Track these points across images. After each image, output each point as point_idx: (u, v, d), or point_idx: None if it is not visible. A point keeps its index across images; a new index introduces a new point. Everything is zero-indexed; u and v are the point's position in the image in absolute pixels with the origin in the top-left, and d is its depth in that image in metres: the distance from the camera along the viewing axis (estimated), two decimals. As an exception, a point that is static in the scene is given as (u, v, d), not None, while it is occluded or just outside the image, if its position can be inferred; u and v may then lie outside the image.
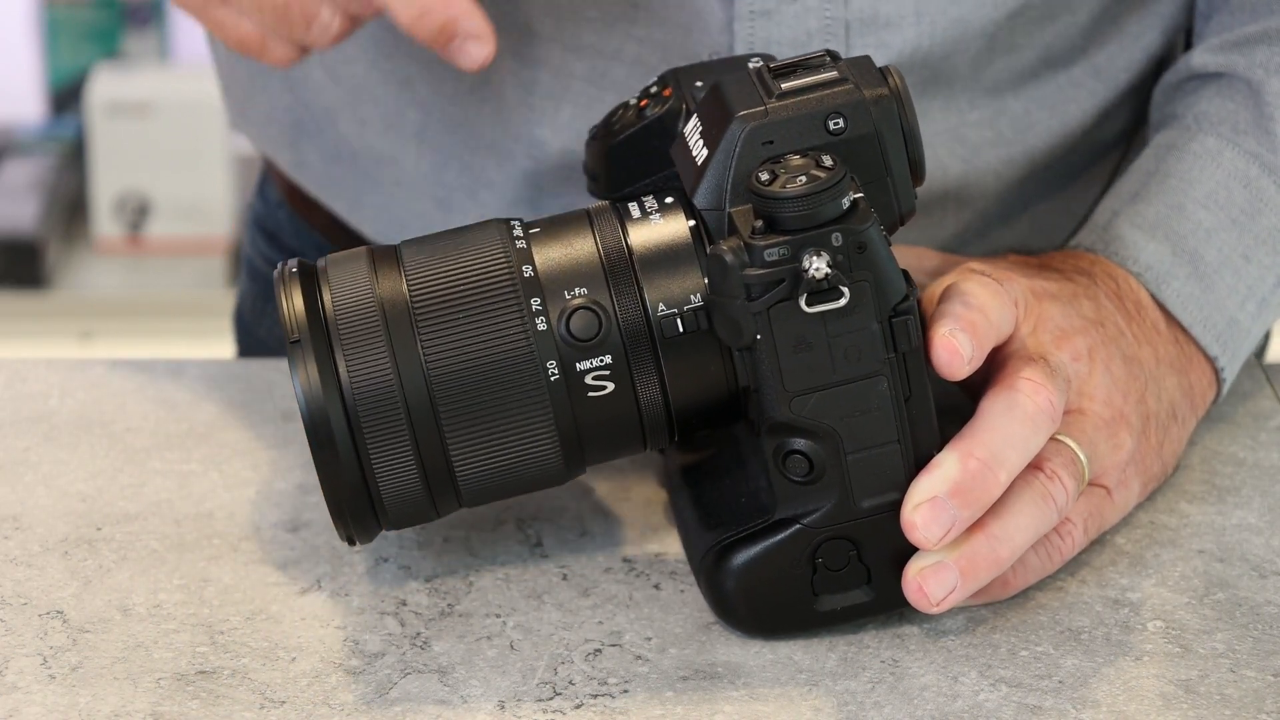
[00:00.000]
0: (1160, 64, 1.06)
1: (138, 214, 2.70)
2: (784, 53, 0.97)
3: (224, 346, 1.30)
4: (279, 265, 0.83)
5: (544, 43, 1.01)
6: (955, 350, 0.81)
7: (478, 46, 0.88)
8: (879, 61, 0.96)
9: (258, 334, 1.23)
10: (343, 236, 1.13)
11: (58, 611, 0.84)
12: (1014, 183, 1.04)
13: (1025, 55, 1.02)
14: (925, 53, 0.99)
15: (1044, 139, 1.03)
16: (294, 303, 0.81)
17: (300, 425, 0.96)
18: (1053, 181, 1.06)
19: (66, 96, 2.78)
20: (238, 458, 0.94)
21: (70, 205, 2.75)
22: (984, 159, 1.02)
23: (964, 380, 0.83)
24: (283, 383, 1.00)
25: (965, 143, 1.02)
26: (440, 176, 1.06)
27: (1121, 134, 1.08)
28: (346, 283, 0.81)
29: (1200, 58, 1.00)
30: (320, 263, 0.83)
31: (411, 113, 1.06)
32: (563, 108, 1.02)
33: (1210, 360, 0.94)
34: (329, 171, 1.12)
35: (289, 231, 1.19)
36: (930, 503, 0.80)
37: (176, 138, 2.67)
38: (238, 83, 1.17)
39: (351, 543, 0.83)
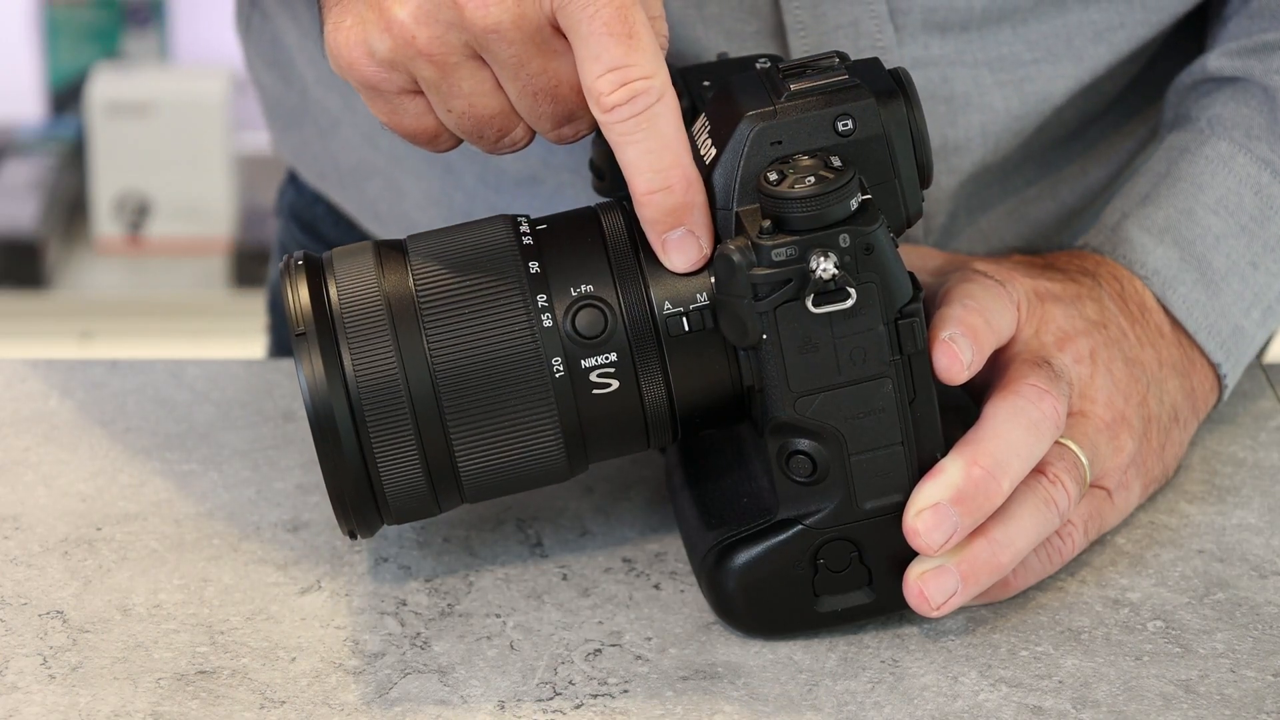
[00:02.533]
0: (1180, 44, 1.05)
1: (138, 214, 2.70)
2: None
3: (224, 346, 1.31)
4: (284, 259, 0.83)
5: None
6: (955, 356, 0.81)
7: (695, 248, 0.81)
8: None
9: None
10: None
11: (58, 611, 0.84)
12: (1020, 130, 1.03)
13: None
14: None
15: (1058, 85, 1.01)
16: (299, 295, 0.81)
17: (301, 425, 0.96)
18: (1057, 145, 1.05)
19: (66, 96, 2.79)
20: (238, 458, 0.94)
21: (70, 205, 2.75)
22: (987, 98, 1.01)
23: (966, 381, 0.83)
24: (283, 383, 1.00)
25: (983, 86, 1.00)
26: (471, 210, 1.06)
27: (1127, 105, 1.07)
28: (352, 276, 0.81)
29: (1216, 61, 0.99)
30: (326, 256, 0.83)
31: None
32: None
33: (1213, 366, 0.94)
34: (348, 181, 1.12)
35: (328, 223, 1.19)
36: (933, 509, 0.80)
37: (176, 138, 2.67)
38: (279, 119, 1.17)
39: (354, 537, 0.83)
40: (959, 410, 0.85)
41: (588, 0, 0.78)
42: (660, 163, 0.79)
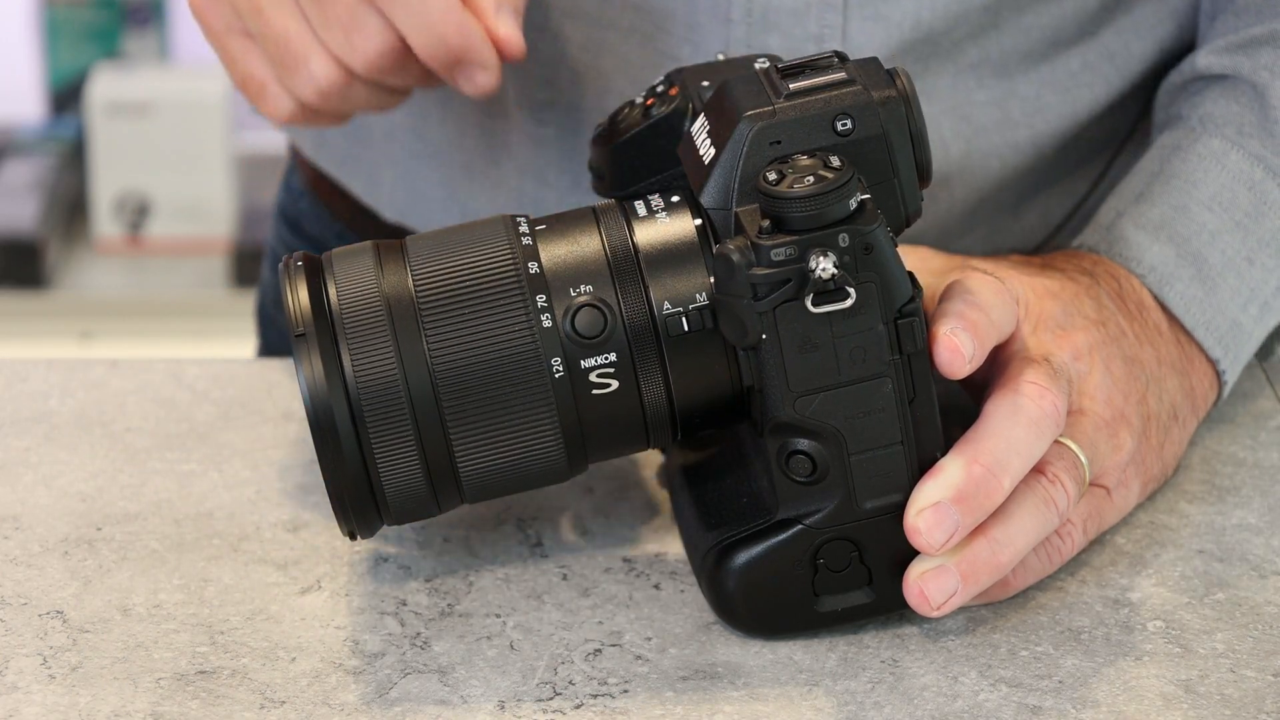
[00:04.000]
0: (1172, 61, 1.06)
1: (138, 214, 2.70)
2: (782, 23, 0.97)
3: (224, 346, 1.31)
4: (283, 259, 0.83)
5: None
6: (956, 349, 0.81)
7: (485, 76, 0.90)
8: (879, 35, 0.96)
9: (279, 324, 1.23)
10: (364, 225, 1.14)
11: (58, 611, 0.84)
12: (1019, 168, 1.04)
13: (1032, 34, 1.01)
14: (926, 25, 0.98)
15: (1053, 124, 1.03)
16: (299, 296, 0.81)
17: (301, 425, 0.96)
18: (1059, 171, 1.06)
19: (66, 96, 2.78)
20: (238, 458, 0.94)
21: (70, 205, 2.75)
22: (989, 140, 1.02)
23: (965, 379, 0.83)
24: (283, 382, 1.00)
25: (970, 121, 1.01)
26: (461, 143, 1.07)
27: (1130, 130, 1.08)
28: (352, 277, 0.81)
29: (1205, 59, 1.00)
30: (325, 256, 0.83)
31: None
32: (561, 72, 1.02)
33: (1212, 363, 0.94)
34: (348, 149, 1.12)
35: (310, 218, 1.19)
36: (934, 508, 0.80)
37: (176, 138, 2.67)
38: None
39: (353, 537, 0.83)
40: (959, 410, 0.85)
41: None
42: (427, 19, 0.87)
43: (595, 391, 0.81)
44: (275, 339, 1.24)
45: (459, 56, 0.89)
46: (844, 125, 0.79)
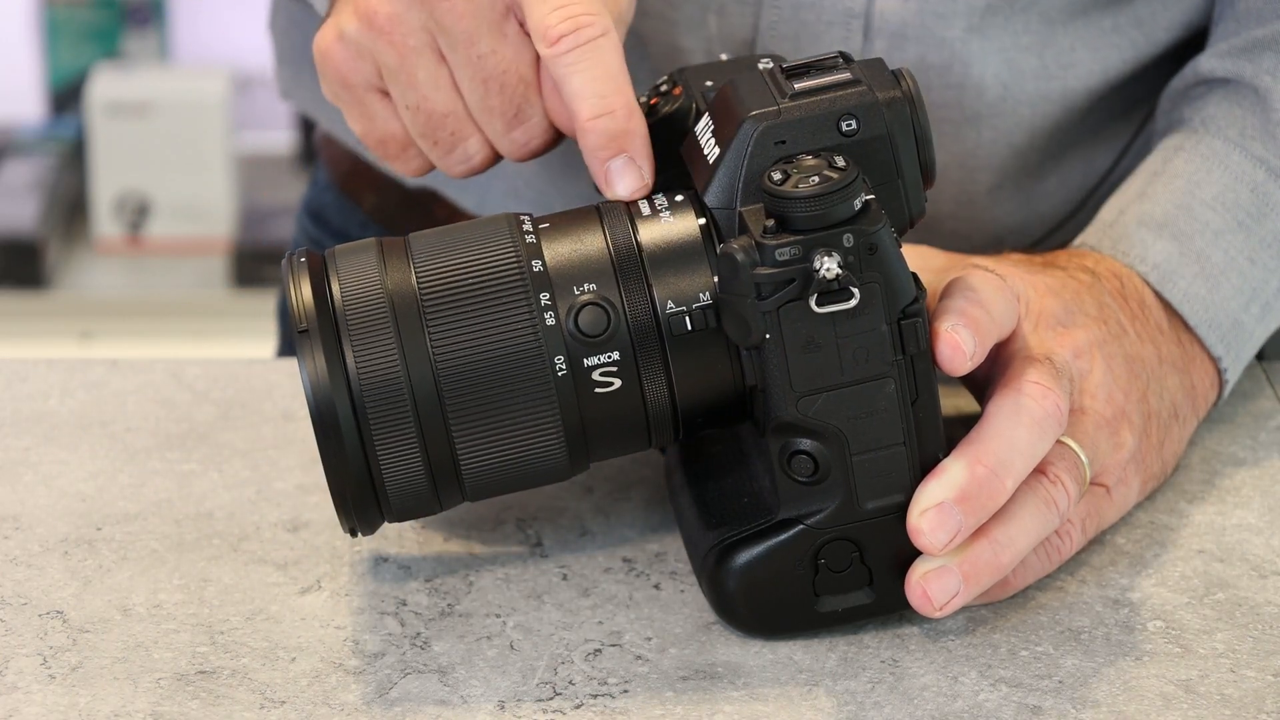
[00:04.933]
0: (1194, 39, 1.05)
1: (138, 214, 2.70)
2: None
3: (224, 346, 1.31)
4: (286, 256, 0.83)
5: None
6: (958, 346, 0.81)
7: (636, 175, 0.84)
8: None
9: None
10: (390, 218, 1.14)
11: (58, 611, 0.84)
12: (1048, 120, 1.03)
13: None
14: None
15: (1083, 80, 1.02)
16: (302, 293, 0.81)
17: (301, 425, 0.96)
18: (1083, 133, 1.06)
19: (66, 96, 2.79)
20: (238, 458, 0.94)
21: (70, 205, 2.75)
22: (1023, 87, 1.02)
23: (966, 376, 0.83)
24: (283, 383, 1.00)
25: (1011, 66, 1.01)
26: None
27: (1150, 110, 1.07)
28: (355, 273, 0.81)
29: (1207, 63, 1.00)
30: (329, 252, 0.83)
31: None
32: None
33: (1214, 361, 0.94)
34: None
35: (333, 209, 1.20)
36: (937, 509, 0.80)
37: (176, 138, 2.67)
38: (294, 47, 1.17)
39: (354, 534, 0.83)
40: (960, 411, 0.85)
41: None
42: (603, 89, 0.83)
43: (598, 390, 0.81)
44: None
45: (619, 143, 0.84)
46: (849, 126, 0.80)
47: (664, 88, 0.88)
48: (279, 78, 1.20)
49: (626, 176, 0.83)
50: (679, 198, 0.83)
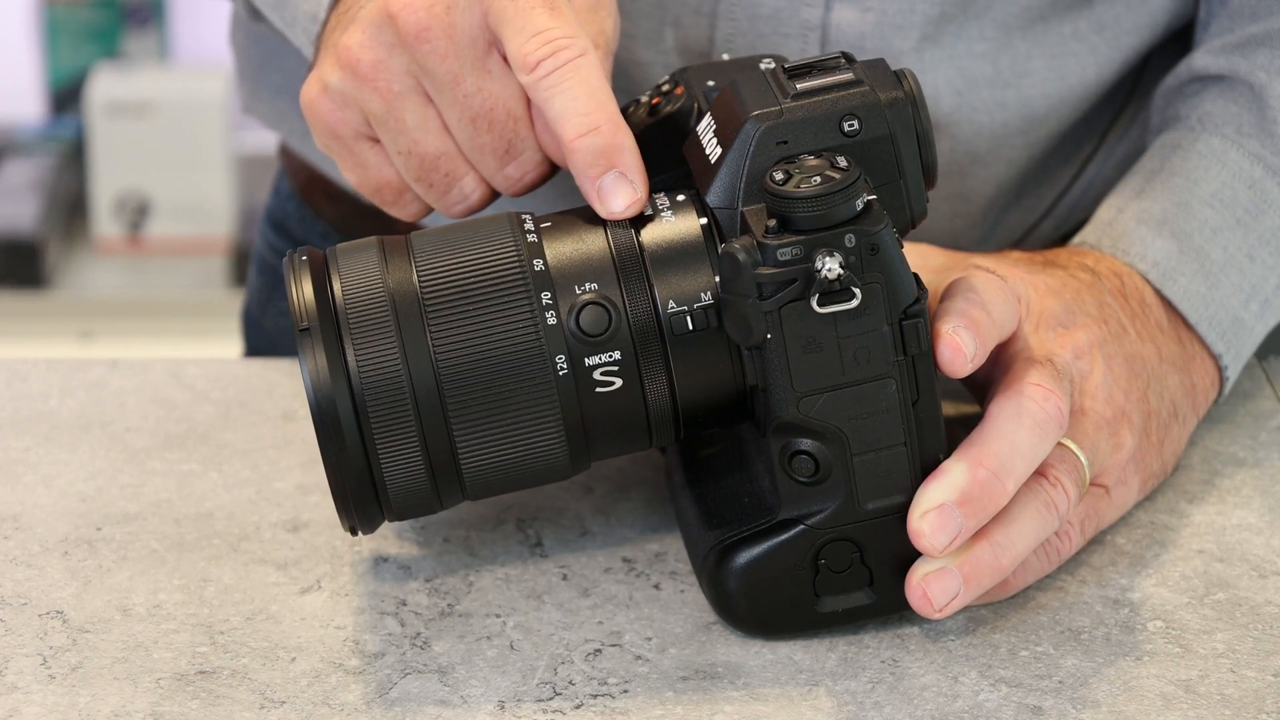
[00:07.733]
0: (1165, 41, 1.05)
1: (138, 214, 2.70)
2: None
3: (224, 346, 1.31)
4: (288, 254, 0.83)
5: None
6: (958, 347, 0.81)
7: (628, 189, 0.83)
8: None
9: (264, 326, 1.23)
10: (352, 229, 1.13)
11: (58, 611, 0.84)
12: (1006, 130, 1.03)
13: None
14: None
15: (1039, 89, 1.02)
16: (303, 291, 0.81)
17: (301, 425, 0.96)
18: (1044, 140, 1.05)
19: (66, 96, 2.78)
20: (238, 458, 0.94)
21: (70, 205, 2.75)
22: (979, 95, 1.01)
23: (967, 377, 0.83)
24: (283, 382, 1.00)
25: (964, 74, 1.01)
26: None
27: (1116, 115, 1.07)
28: (357, 272, 0.81)
29: (1202, 60, 1.00)
30: (330, 251, 0.83)
31: None
32: None
33: (1214, 358, 0.94)
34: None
35: (295, 219, 1.20)
36: (938, 510, 0.80)
37: (176, 138, 2.67)
38: (251, 61, 1.16)
39: (354, 533, 0.83)
40: (960, 411, 0.85)
41: None
42: (585, 106, 0.82)
43: (599, 389, 0.81)
44: (259, 343, 1.24)
45: (609, 158, 0.83)
46: (851, 126, 0.80)
47: (666, 87, 0.88)
48: (240, 92, 1.20)
49: (619, 192, 0.82)
50: (681, 197, 0.83)
